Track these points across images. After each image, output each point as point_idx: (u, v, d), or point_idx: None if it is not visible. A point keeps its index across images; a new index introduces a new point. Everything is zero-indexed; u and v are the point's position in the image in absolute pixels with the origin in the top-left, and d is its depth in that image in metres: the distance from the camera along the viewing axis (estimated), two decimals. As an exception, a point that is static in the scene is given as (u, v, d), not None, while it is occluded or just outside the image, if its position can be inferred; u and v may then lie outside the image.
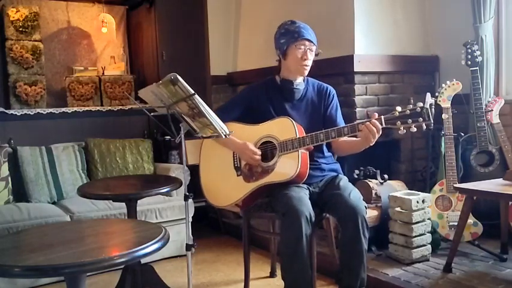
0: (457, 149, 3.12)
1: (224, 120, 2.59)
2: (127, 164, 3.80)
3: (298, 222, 2.24)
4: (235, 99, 2.79)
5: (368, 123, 2.23)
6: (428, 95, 2.23)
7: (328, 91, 2.64)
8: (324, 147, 2.61)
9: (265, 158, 2.50)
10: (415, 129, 2.19)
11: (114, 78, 4.62)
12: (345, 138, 2.43)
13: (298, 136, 2.40)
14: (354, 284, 2.32)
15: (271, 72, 2.64)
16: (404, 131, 2.19)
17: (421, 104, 2.16)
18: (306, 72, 2.55)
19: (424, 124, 2.16)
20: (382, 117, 2.23)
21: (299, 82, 2.59)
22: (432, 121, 2.16)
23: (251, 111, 2.63)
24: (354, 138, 2.45)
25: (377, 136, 2.25)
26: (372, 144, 2.32)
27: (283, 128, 2.47)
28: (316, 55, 2.56)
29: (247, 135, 2.54)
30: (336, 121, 2.58)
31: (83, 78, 4.54)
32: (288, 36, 2.51)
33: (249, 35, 4.44)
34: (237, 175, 2.55)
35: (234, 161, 2.58)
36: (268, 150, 2.51)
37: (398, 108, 2.21)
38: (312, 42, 2.50)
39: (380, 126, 2.22)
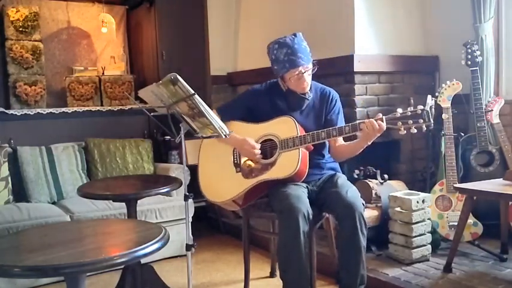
0: (457, 149, 3.12)
1: (225, 120, 2.56)
2: (127, 164, 3.80)
3: (295, 219, 2.24)
4: (236, 100, 2.77)
5: (371, 119, 2.26)
6: (429, 96, 2.26)
7: (331, 96, 2.60)
8: (324, 150, 2.60)
9: (266, 155, 2.50)
10: (415, 130, 2.23)
11: (114, 78, 4.62)
12: (343, 142, 2.46)
13: (299, 134, 2.41)
14: (354, 281, 2.31)
15: (271, 72, 2.63)
16: (405, 131, 2.24)
17: (421, 107, 2.20)
18: (307, 89, 2.52)
19: (424, 125, 2.20)
20: (384, 117, 2.26)
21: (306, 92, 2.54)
22: (432, 122, 2.20)
23: (252, 113, 2.62)
24: (352, 141, 2.47)
25: (378, 134, 2.28)
26: (369, 143, 2.35)
27: (284, 126, 2.47)
28: (314, 70, 2.52)
29: (249, 133, 2.54)
30: (336, 125, 2.51)
31: (83, 78, 4.53)
32: (280, 65, 2.48)
33: (249, 35, 4.44)
34: (236, 171, 2.55)
35: (233, 158, 2.58)
36: (268, 148, 2.51)
37: (400, 110, 2.25)
38: (305, 65, 2.45)
39: (384, 125, 2.24)
